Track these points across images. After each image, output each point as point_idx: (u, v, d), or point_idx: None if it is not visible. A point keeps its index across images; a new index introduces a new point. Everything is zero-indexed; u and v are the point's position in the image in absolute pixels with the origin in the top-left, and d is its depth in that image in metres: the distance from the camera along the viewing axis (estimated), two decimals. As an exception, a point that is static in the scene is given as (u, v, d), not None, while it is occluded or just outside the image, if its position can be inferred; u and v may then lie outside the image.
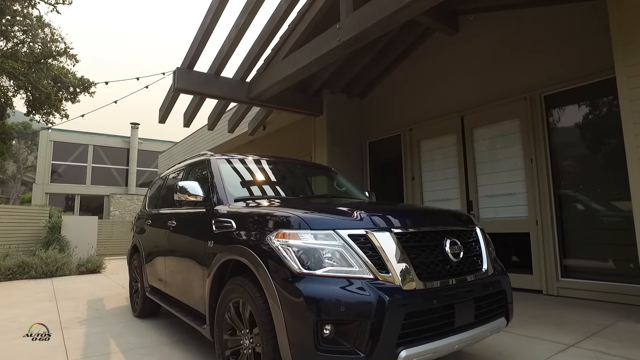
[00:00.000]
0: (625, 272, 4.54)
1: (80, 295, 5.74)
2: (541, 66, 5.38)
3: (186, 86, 6.02)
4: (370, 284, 1.84)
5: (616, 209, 4.71)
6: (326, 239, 1.94)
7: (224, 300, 2.33)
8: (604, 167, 4.85)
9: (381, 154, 7.90)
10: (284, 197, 3.24)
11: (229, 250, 2.32)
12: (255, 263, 2.04)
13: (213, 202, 2.81)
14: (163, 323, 3.99)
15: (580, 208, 5.06)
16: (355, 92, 7.93)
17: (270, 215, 2.24)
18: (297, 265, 1.88)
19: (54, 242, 9.18)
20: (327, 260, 1.89)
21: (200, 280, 2.67)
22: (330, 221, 2.03)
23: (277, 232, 2.03)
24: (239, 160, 3.33)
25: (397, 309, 1.81)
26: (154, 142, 27.28)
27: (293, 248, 1.92)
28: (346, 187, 3.77)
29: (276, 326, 1.89)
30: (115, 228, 13.21)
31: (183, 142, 13.25)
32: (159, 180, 4.63)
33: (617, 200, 4.71)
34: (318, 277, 1.85)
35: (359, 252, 1.91)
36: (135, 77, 9.43)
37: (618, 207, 4.70)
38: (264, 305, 1.98)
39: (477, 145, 6.22)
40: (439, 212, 2.51)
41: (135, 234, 4.72)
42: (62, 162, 24.70)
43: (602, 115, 4.95)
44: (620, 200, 4.67)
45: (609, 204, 4.80)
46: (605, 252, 4.77)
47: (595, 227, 4.90)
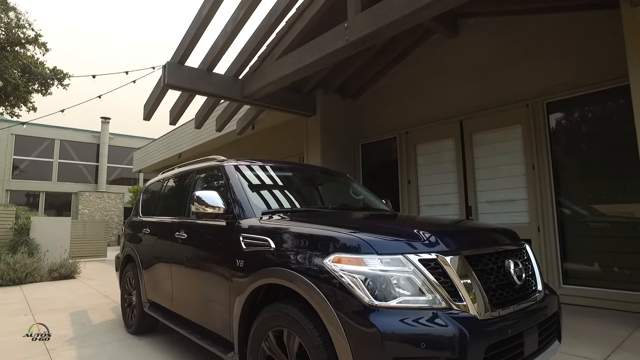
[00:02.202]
0: (628, 279, 4.57)
1: (59, 307, 5.26)
2: (544, 73, 5.36)
3: (177, 82, 5.65)
4: (447, 314, 1.65)
5: (618, 216, 4.75)
6: (395, 265, 1.72)
7: (261, 328, 2.08)
8: (606, 175, 4.87)
9: (375, 157, 7.75)
10: (317, 210, 2.97)
11: (269, 274, 2.05)
12: (310, 291, 1.79)
13: (236, 214, 2.53)
14: (163, 341, 3.66)
15: (582, 215, 5.08)
16: (349, 92, 7.74)
17: (324, 236, 1.98)
18: (368, 296, 1.65)
19: (22, 245, 8.50)
20: (398, 289, 1.68)
21: (224, 303, 2.40)
22: (397, 244, 1.82)
23: (335, 256, 1.80)
24: (257, 166, 3.04)
25: (478, 343, 1.63)
26: (126, 138, 26.12)
27: (359, 275, 1.70)
28: (364, 195, 3.56)
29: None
30: (88, 228, 12.46)
31: (161, 140, 12.67)
32: (156, 185, 4.25)
33: (619, 208, 4.75)
34: (392, 310, 1.64)
35: (431, 278, 1.71)
36: (124, 71, 8.85)
37: (620, 214, 4.73)
38: (320, 339, 1.74)
39: (477, 150, 6.16)
40: (495, 229, 2.35)
41: (127, 241, 4.34)
42: (25, 157, 23.24)
43: (605, 123, 4.97)
44: (623, 208, 4.72)
45: (611, 211, 4.83)
46: (608, 259, 4.80)
47: (597, 235, 4.92)
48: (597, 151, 5.00)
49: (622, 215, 4.72)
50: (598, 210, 4.94)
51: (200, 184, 3.18)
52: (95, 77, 9.80)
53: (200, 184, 3.19)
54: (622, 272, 4.66)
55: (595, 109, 5.05)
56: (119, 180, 25.96)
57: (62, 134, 24.26)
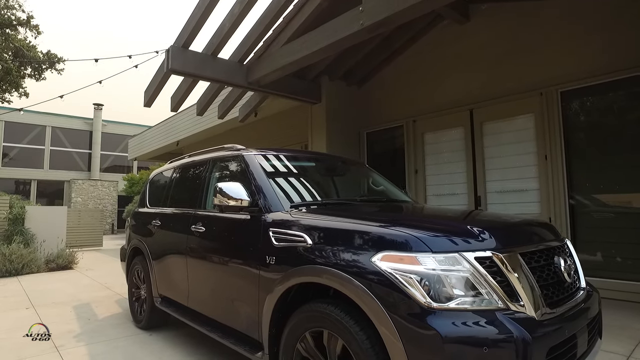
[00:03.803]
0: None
1: (61, 300, 5.11)
2: (558, 60, 5.23)
3: (181, 67, 5.43)
4: (506, 316, 1.54)
5: (633, 207, 4.69)
6: (450, 264, 1.61)
7: (296, 328, 1.96)
8: (621, 165, 4.80)
9: (380, 146, 7.62)
10: (347, 203, 2.83)
11: (306, 272, 1.92)
12: (358, 292, 1.67)
13: (261, 207, 2.39)
14: (176, 337, 3.53)
15: (595, 206, 5.02)
16: (354, 79, 7.57)
17: (370, 232, 1.85)
18: (425, 298, 1.54)
19: (17, 235, 8.28)
20: (454, 289, 1.57)
21: (250, 301, 2.27)
22: (452, 242, 1.70)
23: (384, 254, 1.67)
24: (278, 156, 2.89)
25: (541, 345, 1.53)
26: (119, 125, 25.62)
27: (413, 275, 1.58)
28: (384, 186, 3.43)
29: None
30: (83, 217, 12.22)
31: (158, 127, 12.38)
32: (164, 175, 4.07)
33: (634, 198, 4.69)
34: (452, 312, 1.53)
35: (488, 278, 1.60)
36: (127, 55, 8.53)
37: (635, 205, 4.68)
38: (368, 342, 1.63)
39: (487, 139, 6.06)
40: (539, 224, 2.24)
41: (134, 233, 4.17)
42: (15, 145, 22.71)
43: (621, 113, 4.88)
44: (637, 198, 4.66)
45: (626, 202, 4.77)
46: (622, 250, 4.75)
47: (611, 225, 4.86)
48: (612, 141, 4.91)
49: (637, 206, 4.66)
50: (612, 201, 4.88)
51: (216, 175, 3.03)
52: (97, 60, 9.44)
53: (216, 174, 3.03)
54: (637, 263, 4.62)
55: (612, 98, 4.95)
56: (113, 168, 25.54)
57: (53, 121, 23.70)
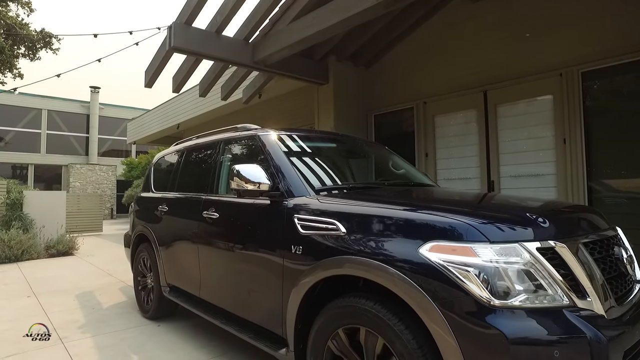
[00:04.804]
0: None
1: (62, 288, 4.94)
2: (580, 39, 4.98)
3: (184, 45, 5.16)
4: (574, 314, 1.37)
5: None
6: (510, 255, 1.43)
7: (328, 324, 1.79)
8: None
9: (389, 128, 7.40)
10: (377, 187, 2.65)
11: (341, 264, 1.74)
12: (404, 287, 1.49)
13: (283, 192, 2.20)
14: (186, 328, 3.38)
15: (615, 192, 4.85)
16: (362, 60, 7.30)
17: (416, 219, 1.65)
18: (486, 293, 1.36)
19: (16, 220, 8.08)
20: (516, 284, 1.39)
21: (273, 293, 2.10)
22: (511, 231, 1.51)
23: (433, 243, 1.49)
24: (296, 137, 2.68)
25: (617, 348, 1.36)
26: (116, 108, 25.16)
27: (472, 269, 1.40)
28: (405, 169, 3.23)
29: None
30: (82, 202, 12.02)
31: (158, 110, 12.07)
32: (170, 157, 3.85)
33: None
34: (515, 310, 1.35)
35: (552, 271, 1.42)
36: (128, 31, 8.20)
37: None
38: (415, 342, 1.46)
39: (501, 122, 5.85)
40: (593, 211, 2.06)
41: (138, 219, 3.98)
42: (10, 128, 22.29)
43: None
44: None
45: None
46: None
47: (631, 212, 4.70)
48: (636, 125, 4.71)
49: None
50: (633, 187, 4.71)
51: (229, 157, 2.82)
52: (97, 36, 9.10)
53: (229, 156, 2.83)
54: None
55: (637, 79, 4.73)
56: (111, 152, 25.19)
57: (49, 104, 23.24)
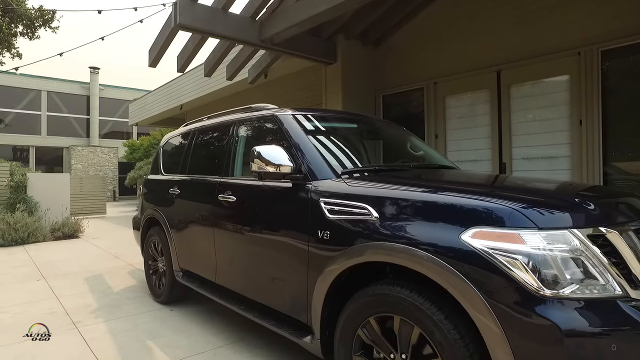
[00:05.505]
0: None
1: (71, 270, 4.91)
2: (601, 15, 4.79)
3: (190, 22, 4.98)
4: (630, 306, 1.29)
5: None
6: (559, 242, 1.35)
7: (358, 312, 1.72)
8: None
9: (398, 109, 7.25)
10: (404, 169, 2.56)
11: (374, 250, 1.66)
12: (446, 275, 1.42)
13: (306, 174, 2.10)
14: (200, 313, 3.34)
15: (632, 176, 4.75)
16: (371, 38, 7.09)
17: (459, 204, 1.56)
18: (536, 283, 1.29)
19: (20, 203, 8.03)
20: (566, 273, 1.31)
21: (297, 279, 2.03)
22: (560, 216, 1.43)
23: (476, 229, 1.41)
24: (316, 117, 2.57)
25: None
26: (117, 89, 24.84)
27: (519, 256, 1.32)
28: (424, 151, 3.13)
29: None
30: (85, 185, 11.96)
31: (160, 90, 11.87)
32: (180, 138, 3.73)
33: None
34: (567, 300, 1.28)
35: (603, 260, 1.34)
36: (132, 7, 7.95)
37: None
38: (455, 333, 1.39)
39: (515, 103, 5.70)
40: (632, 194, 1.97)
41: (147, 202, 3.90)
42: (10, 110, 22.06)
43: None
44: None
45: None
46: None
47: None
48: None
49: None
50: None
51: (245, 138, 2.71)
52: (101, 12, 8.83)
53: (244, 138, 2.72)
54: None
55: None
56: (112, 134, 25.00)
57: (48, 85, 22.93)
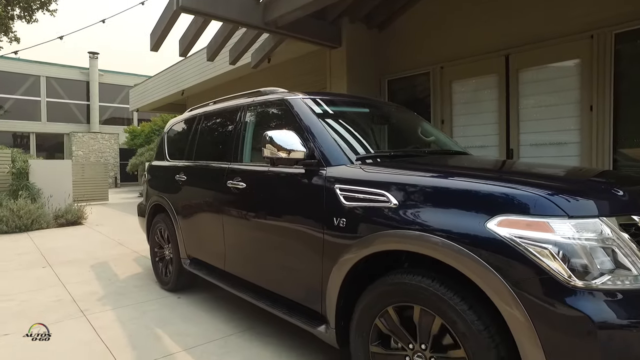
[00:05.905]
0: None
1: (76, 257, 4.89)
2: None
3: (192, 4, 4.85)
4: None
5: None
6: (590, 231, 1.30)
7: (376, 301, 1.68)
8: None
9: (403, 94, 7.14)
10: (420, 155, 2.50)
11: (394, 238, 1.61)
12: (471, 264, 1.37)
13: (320, 160, 2.04)
14: (207, 300, 3.32)
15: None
16: (376, 22, 6.94)
17: (483, 190, 1.50)
18: (567, 273, 1.24)
19: (22, 190, 7.99)
20: (597, 263, 1.27)
21: (311, 267, 1.99)
22: (591, 204, 1.38)
23: (502, 217, 1.36)
24: (329, 101, 2.50)
25: None
26: (117, 75, 24.59)
27: (550, 246, 1.27)
28: (435, 136, 3.06)
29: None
30: (87, 171, 11.92)
31: (161, 75, 11.72)
32: (186, 123, 3.66)
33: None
34: (600, 291, 1.23)
35: (635, 249, 1.29)
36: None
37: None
38: (479, 324, 1.36)
39: (523, 88, 5.60)
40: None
41: (152, 189, 3.85)
42: (9, 96, 21.86)
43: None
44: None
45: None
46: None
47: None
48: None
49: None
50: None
51: (253, 123, 2.65)
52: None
53: (253, 122, 2.65)
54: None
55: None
56: (112, 120, 24.84)
57: (47, 71, 22.69)
